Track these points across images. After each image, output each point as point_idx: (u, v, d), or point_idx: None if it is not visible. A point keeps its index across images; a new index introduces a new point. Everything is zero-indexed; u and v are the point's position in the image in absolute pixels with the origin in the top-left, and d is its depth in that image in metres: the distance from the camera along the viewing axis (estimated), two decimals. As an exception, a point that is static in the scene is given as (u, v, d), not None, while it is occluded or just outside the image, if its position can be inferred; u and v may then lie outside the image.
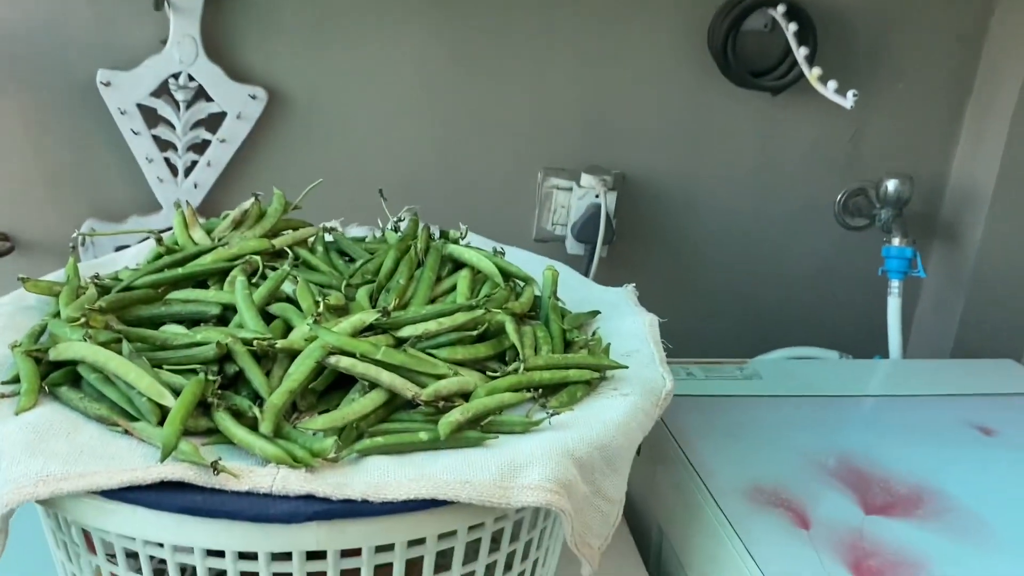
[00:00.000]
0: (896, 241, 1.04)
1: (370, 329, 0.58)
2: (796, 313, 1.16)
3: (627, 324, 0.70)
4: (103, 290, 0.64)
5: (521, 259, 0.78)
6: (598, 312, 0.72)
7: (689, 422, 0.84)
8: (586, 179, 1.03)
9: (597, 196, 1.03)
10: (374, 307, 0.65)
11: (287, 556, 0.49)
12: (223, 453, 0.50)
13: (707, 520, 0.72)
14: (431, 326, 0.59)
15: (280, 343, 0.55)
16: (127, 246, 1.01)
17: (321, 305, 0.58)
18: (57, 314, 0.61)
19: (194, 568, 0.50)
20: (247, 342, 0.55)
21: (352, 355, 0.54)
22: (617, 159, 1.08)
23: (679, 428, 0.83)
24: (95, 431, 0.50)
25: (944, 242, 1.13)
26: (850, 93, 0.87)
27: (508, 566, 0.58)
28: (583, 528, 0.53)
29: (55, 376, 0.54)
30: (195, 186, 1.00)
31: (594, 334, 0.68)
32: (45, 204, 1.00)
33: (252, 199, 0.71)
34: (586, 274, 1.06)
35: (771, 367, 0.98)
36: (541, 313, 0.68)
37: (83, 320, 0.54)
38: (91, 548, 0.53)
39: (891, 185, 1.04)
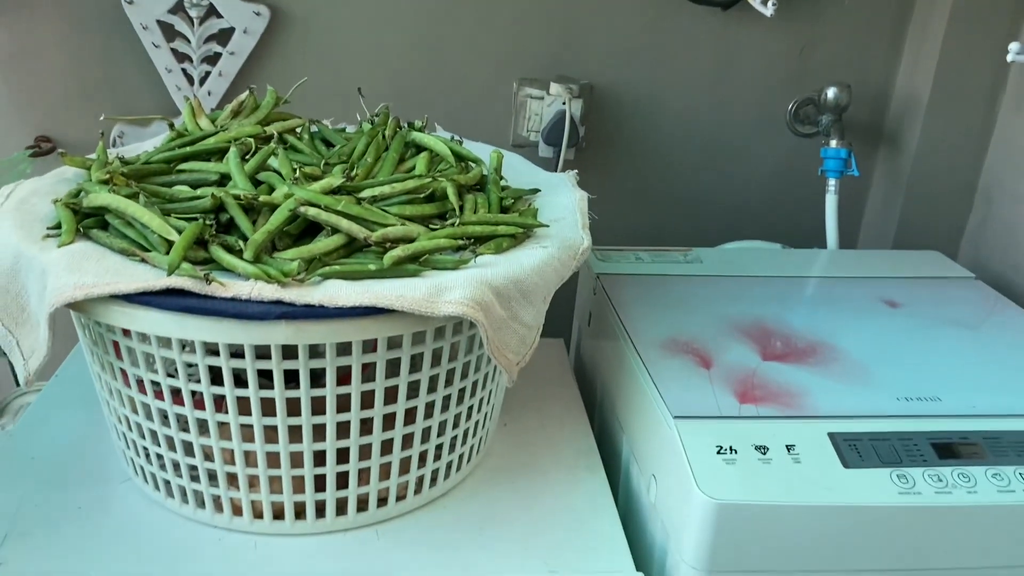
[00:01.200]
0: (834, 143, 1.15)
1: (338, 192, 0.72)
2: (749, 213, 1.27)
3: (561, 199, 0.83)
4: (126, 164, 0.79)
5: (482, 151, 0.91)
6: (538, 190, 0.85)
7: (629, 296, 0.98)
8: (554, 88, 1.15)
9: (564, 103, 1.16)
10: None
11: (268, 356, 0.64)
12: (215, 275, 0.64)
13: (629, 366, 0.86)
14: (386, 189, 0.72)
15: (263, 197, 0.69)
16: (151, 147, 1.17)
17: (298, 172, 0.72)
18: (90, 180, 0.75)
19: (197, 367, 0.65)
20: (237, 197, 0.69)
21: (319, 206, 0.68)
22: (586, 71, 1.19)
23: (620, 301, 0.96)
24: (118, 259, 0.65)
25: (887, 147, 1.24)
26: (770, 3, 0.97)
27: (448, 381, 0.72)
28: (501, 344, 0.68)
29: (88, 222, 0.69)
30: (208, 94, 1.13)
31: (530, 205, 0.81)
32: (81, 111, 1.15)
33: (247, 92, 0.85)
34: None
35: (712, 255, 1.11)
36: (484, 188, 0.81)
37: (109, 178, 0.68)
38: (119, 355, 0.68)
39: (831, 93, 1.15)
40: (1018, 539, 0.70)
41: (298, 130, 0.87)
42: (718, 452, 0.71)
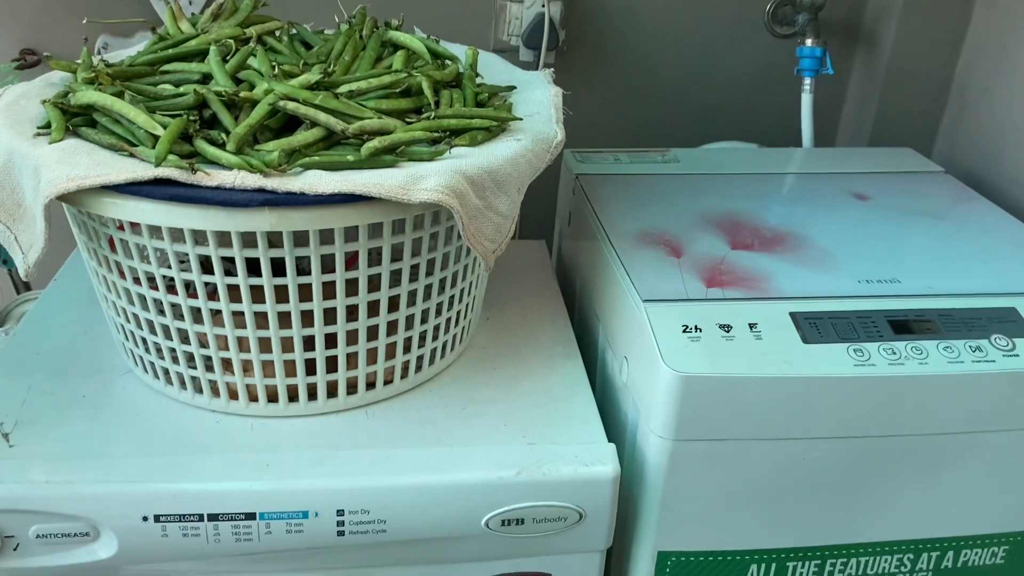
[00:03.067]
0: (809, 42, 1.16)
1: (316, 88, 0.74)
2: (727, 113, 1.29)
3: (536, 95, 0.85)
4: (111, 68, 0.81)
5: (459, 52, 0.92)
6: (514, 87, 0.87)
7: (606, 194, 1.01)
8: (533, -9, 1.16)
9: (543, 6, 1.17)
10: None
11: (255, 244, 0.67)
12: (201, 167, 0.67)
13: (604, 259, 0.89)
14: (362, 84, 0.75)
15: (244, 93, 0.71)
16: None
17: (277, 68, 0.75)
18: (77, 83, 0.77)
19: (188, 258, 0.68)
20: (219, 93, 0.71)
21: (298, 100, 0.70)
22: (565, -26, 1.20)
23: (598, 200, 1.00)
24: (108, 154, 0.68)
25: (864, 46, 1.25)
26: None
27: (429, 271, 0.76)
28: (477, 232, 0.71)
29: (76, 120, 0.71)
30: (190, 3, 1.14)
31: (505, 101, 0.83)
32: (64, 24, 1.15)
33: (226, -6, 0.87)
34: (535, 78, 1.20)
35: (690, 155, 1.13)
36: (461, 84, 0.83)
37: (95, 77, 0.71)
38: (113, 248, 0.72)
39: (807, -8, 1.16)
40: (965, 407, 0.75)
41: (277, 32, 0.89)
42: (684, 331, 0.75)
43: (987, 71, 1.18)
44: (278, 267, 0.69)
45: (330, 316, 0.73)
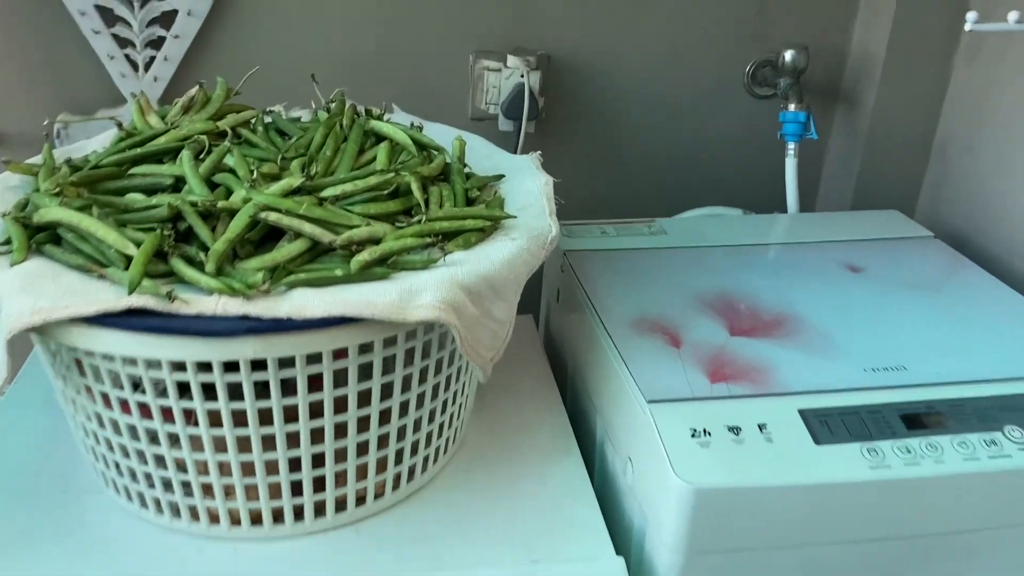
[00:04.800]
0: (792, 106, 1.15)
1: (297, 192, 0.70)
2: (709, 178, 1.27)
3: (526, 184, 0.82)
4: (75, 169, 0.76)
5: (442, 134, 0.89)
6: (502, 176, 0.84)
7: (596, 272, 0.98)
8: (511, 60, 1.13)
9: (522, 76, 1.14)
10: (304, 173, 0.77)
11: (237, 368, 0.62)
12: (178, 289, 0.63)
13: (600, 346, 0.86)
14: (348, 187, 0.71)
15: (221, 203, 0.67)
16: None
17: (255, 172, 0.70)
18: (38, 189, 0.73)
19: (165, 383, 0.64)
20: (194, 203, 0.67)
21: (280, 211, 0.66)
22: (543, 41, 1.17)
23: (587, 277, 0.96)
24: (75, 276, 0.63)
25: (844, 107, 1.24)
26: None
27: (422, 379, 0.72)
28: (474, 341, 0.67)
29: (40, 237, 0.66)
30: (155, 79, 1.09)
31: (495, 193, 0.80)
32: (21, 101, 1.10)
33: (197, 87, 0.82)
34: (515, 148, 1.17)
35: (677, 224, 1.11)
36: (448, 178, 0.80)
37: (59, 190, 0.66)
38: (82, 372, 0.67)
39: (788, 55, 1.15)
40: (983, 503, 0.73)
41: (252, 122, 0.85)
42: (692, 435, 0.72)
43: (968, 129, 1.17)
44: (262, 388, 0.65)
45: (317, 436, 0.68)
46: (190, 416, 0.66)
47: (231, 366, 0.62)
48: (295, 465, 0.69)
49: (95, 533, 0.72)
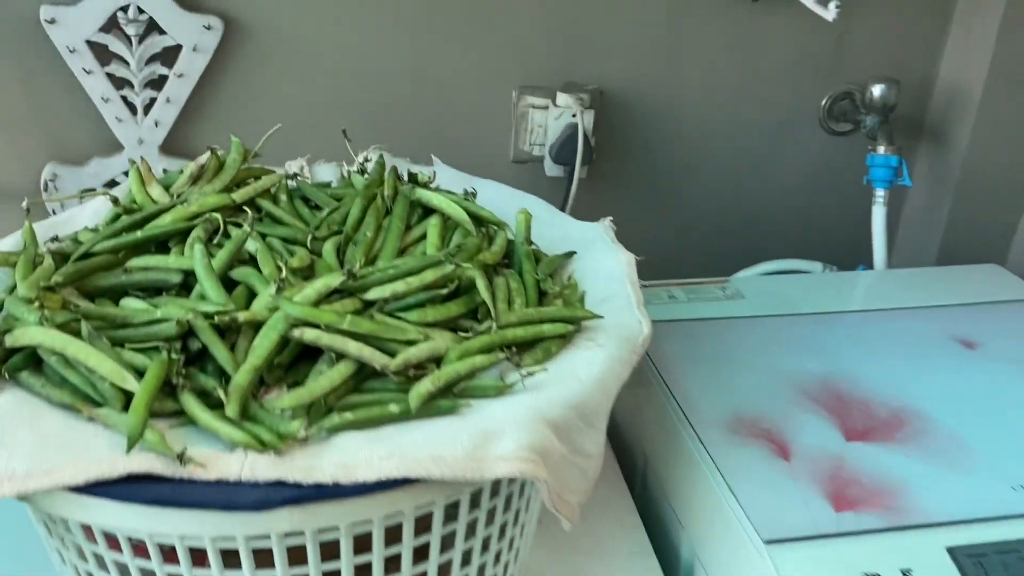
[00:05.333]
0: (882, 149, 1.01)
1: (336, 292, 0.57)
2: (780, 225, 1.14)
3: (603, 264, 0.68)
4: (61, 257, 0.62)
5: (495, 196, 0.75)
6: (573, 253, 0.70)
7: (671, 348, 0.84)
8: (562, 98, 1.00)
9: (574, 116, 1.00)
10: (342, 261, 0.63)
11: (267, 536, 0.49)
12: (191, 436, 0.49)
13: (688, 452, 0.72)
14: (399, 287, 0.57)
15: (243, 316, 0.53)
16: (92, 189, 0.99)
17: (284, 270, 0.57)
18: (14, 287, 0.59)
19: (174, 548, 0.50)
20: (209, 316, 0.53)
21: (318, 326, 0.52)
22: (594, 74, 1.04)
23: (661, 354, 0.83)
24: (59, 418, 0.49)
25: (930, 146, 1.10)
26: (832, 4, 0.82)
27: (490, 519, 0.58)
28: (560, 486, 0.53)
29: (15, 361, 0.52)
30: (156, 124, 0.96)
31: (569, 278, 0.66)
32: (5, 150, 0.97)
33: (208, 153, 0.68)
34: (565, 196, 1.04)
35: (753, 285, 0.97)
36: (514, 260, 0.66)
37: (38, 303, 0.52)
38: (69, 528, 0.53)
39: (877, 91, 1.01)
40: None
41: (273, 189, 0.71)
42: (825, 589, 0.58)
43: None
44: (296, 551, 0.51)
45: (365, 601, 0.55)
46: (206, 585, 0.52)
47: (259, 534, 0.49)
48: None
49: None
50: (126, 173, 1.02)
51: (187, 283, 0.59)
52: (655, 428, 0.80)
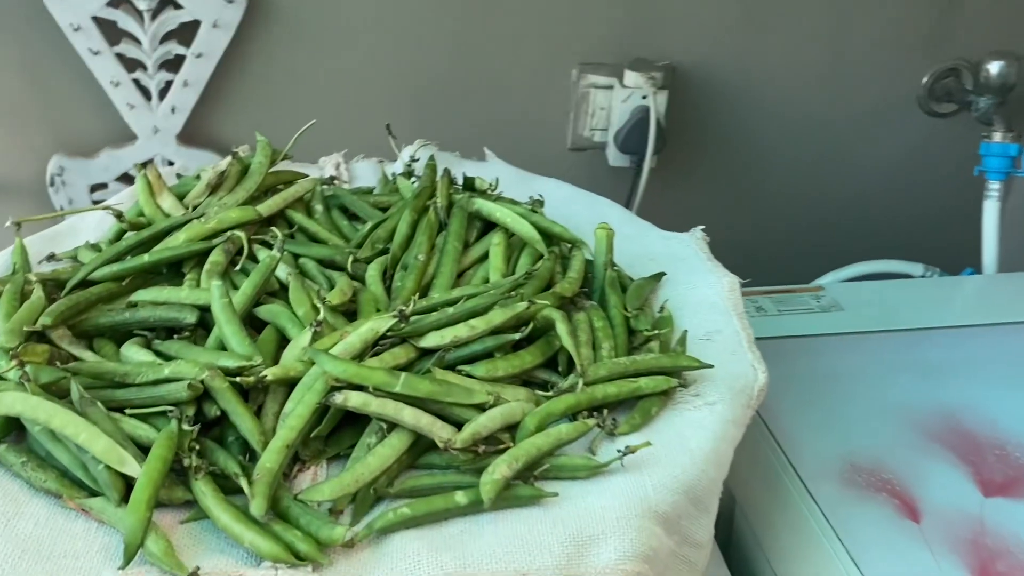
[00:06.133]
0: (998, 135, 0.88)
1: (384, 337, 0.46)
2: (873, 221, 1.02)
3: (701, 291, 0.57)
4: (55, 285, 0.52)
5: (556, 197, 0.64)
6: (662, 274, 0.58)
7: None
8: (631, 77, 0.88)
9: (644, 98, 0.88)
10: (388, 288, 0.53)
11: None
12: (206, 536, 0.39)
13: (794, 505, 0.61)
14: (461, 331, 0.46)
15: (271, 374, 0.43)
16: (104, 184, 0.89)
17: (322, 311, 0.46)
18: (-3, 327, 0.49)
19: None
20: (230, 373, 0.43)
21: (366, 389, 0.42)
22: (665, 49, 0.91)
23: (754, 385, 0.71)
24: (42, 512, 0.39)
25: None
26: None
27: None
28: (667, 589, 0.43)
29: (-9, 429, 0.42)
30: (172, 110, 0.85)
31: (662, 310, 0.55)
32: (6, 141, 0.86)
33: (228, 158, 0.57)
34: (631, 191, 0.92)
35: (851, 294, 0.85)
36: (594, 287, 0.55)
37: (16, 361, 0.42)
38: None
39: (994, 68, 0.88)
40: None
41: (306, 196, 0.60)
42: None
43: None
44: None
45: None
46: None
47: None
48: None
49: None
50: (143, 165, 0.92)
51: (204, 321, 0.48)
52: (748, 469, 0.69)
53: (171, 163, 0.87)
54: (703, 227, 0.67)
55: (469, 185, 0.61)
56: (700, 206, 0.99)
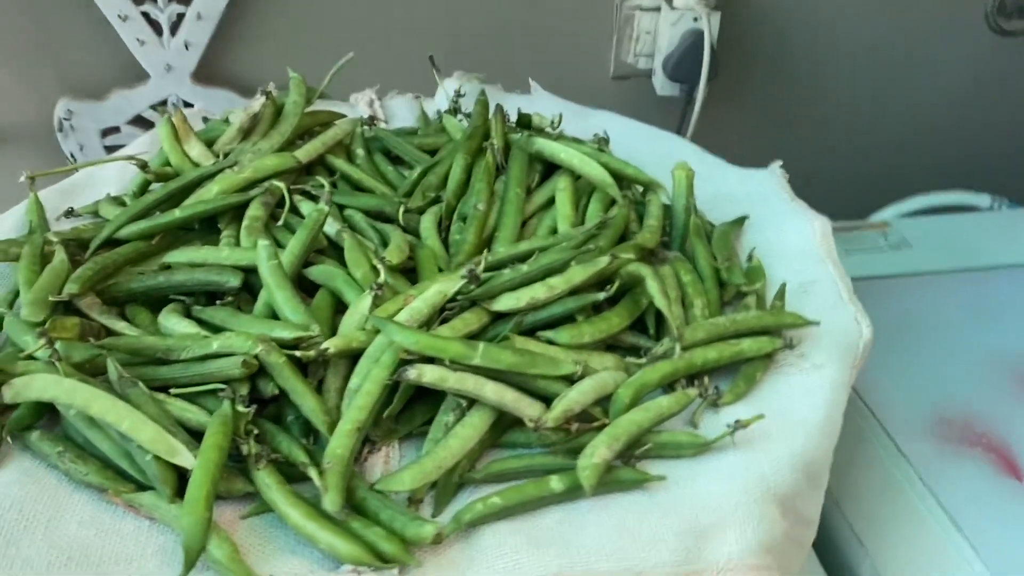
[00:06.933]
0: (1080, 54, 0.81)
1: (451, 300, 0.41)
2: (935, 149, 0.95)
3: (789, 236, 0.52)
4: (77, 245, 0.47)
5: (614, 131, 0.58)
6: (746, 218, 0.53)
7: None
8: (680, -2, 0.81)
9: (696, 20, 0.81)
10: (446, 243, 0.47)
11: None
12: (273, 533, 0.34)
13: (879, 462, 0.57)
14: (538, 292, 0.41)
15: (334, 346, 0.38)
16: (116, 128, 0.83)
17: (382, 273, 0.41)
18: (15, 296, 0.44)
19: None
20: (285, 345, 0.38)
21: (442, 362, 0.37)
22: (714, -34, 0.84)
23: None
24: (85, 510, 0.35)
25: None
26: None
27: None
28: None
29: (20, 414, 0.38)
30: (186, 46, 0.78)
31: (751, 259, 0.49)
32: (9, 85, 0.80)
33: (262, 97, 0.51)
34: (682, 121, 0.86)
35: (919, 230, 0.79)
36: (673, 235, 0.49)
37: (44, 339, 0.37)
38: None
39: (1078, -23, 0.80)
40: None
41: (345, 139, 0.55)
42: None
43: None
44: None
45: None
46: None
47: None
48: None
49: None
50: (155, 107, 0.85)
51: (249, 286, 0.43)
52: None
53: (187, 104, 0.81)
54: (753, 156, 0.62)
55: (525, 122, 0.55)
56: (749, 133, 0.93)
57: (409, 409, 0.39)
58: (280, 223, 0.47)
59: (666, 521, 0.34)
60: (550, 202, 0.50)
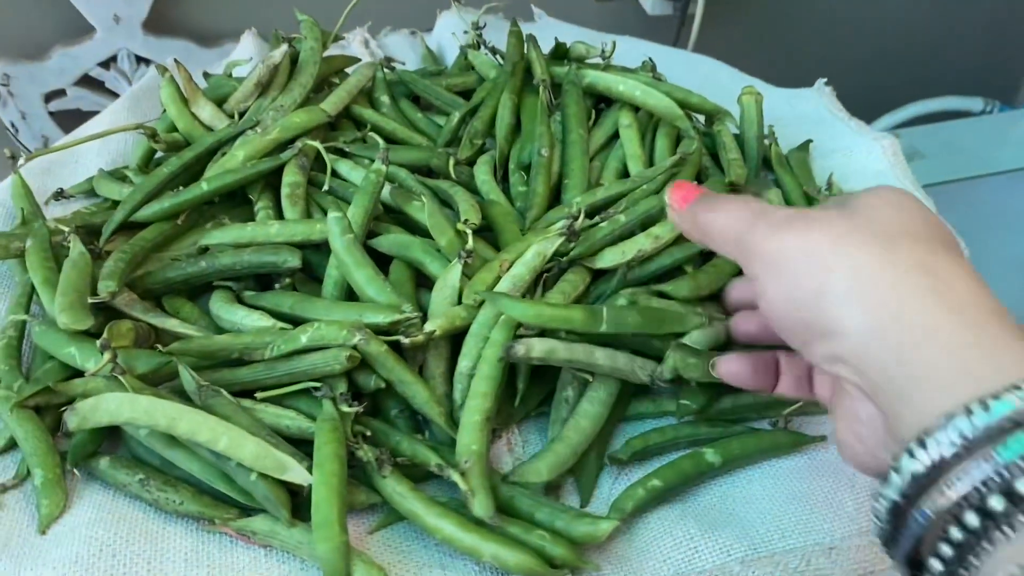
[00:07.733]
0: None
1: (557, 259, 0.37)
2: (927, 53, 0.93)
3: (860, 158, 0.49)
4: (86, 232, 0.41)
5: (643, 55, 0.53)
6: (810, 141, 0.50)
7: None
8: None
9: (686, -69, 0.76)
10: (508, 195, 0.43)
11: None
12: (411, 547, 0.30)
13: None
14: (644, 244, 0.37)
15: (439, 326, 0.33)
16: (61, 92, 0.74)
17: (469, 239, 0.36)
18: (31, 295, 0.38)
19: None
20: (380, 331, 0.33)
21: (558, 335, 0.33)
22: None
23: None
24: (186, 545, 0.30)
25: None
26: None
27: None
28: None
29: (81, 440, 0.32)
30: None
31: (829, 185, 0.46)
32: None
33: (283, 47, 0.45)
34: (675, 42, 0.82)
35: (926, 139, 0.78)
36: (748, 163, 0.45)
37: (110, 354, 0.31)
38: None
39: None
40: None
41: (370, 85, 0.49)
42: None
43: None
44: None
45: None
46: None
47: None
48: None
49: None
50: (104, 64, 0.76)
51: (308, 268, 0.38)
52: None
53: (140, 59, 0.73)
54: (751, 64, 0.58)
55: (562, 53, 0.50)
56: (740, 41, 0.89)
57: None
58: (325, 189, 0.41)
59: (839, 486, 0.31)
60: (609, 141, 0.46)
